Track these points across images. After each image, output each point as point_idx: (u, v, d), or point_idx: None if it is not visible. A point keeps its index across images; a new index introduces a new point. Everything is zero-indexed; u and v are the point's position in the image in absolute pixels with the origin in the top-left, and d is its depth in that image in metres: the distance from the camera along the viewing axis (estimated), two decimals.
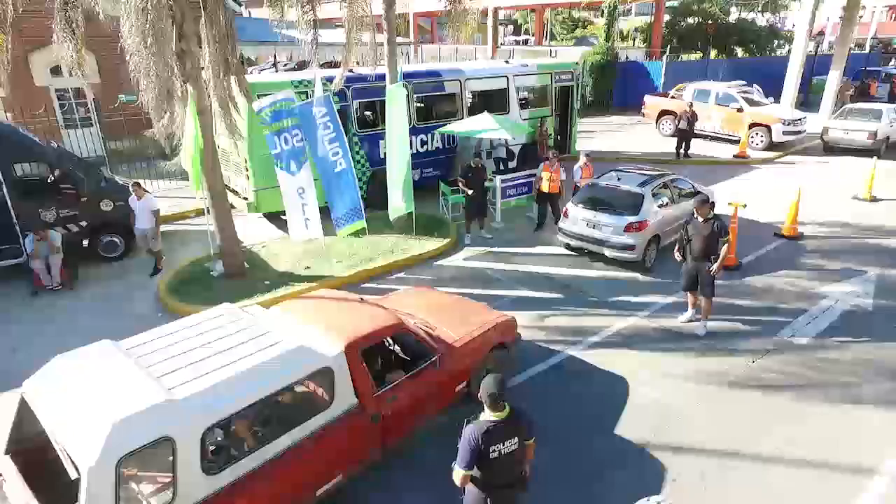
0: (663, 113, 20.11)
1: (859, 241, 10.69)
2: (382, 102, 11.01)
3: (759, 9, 31.31)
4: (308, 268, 9.71)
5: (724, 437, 5.79)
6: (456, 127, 11.91)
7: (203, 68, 7.81)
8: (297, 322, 5.01)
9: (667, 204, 9.78)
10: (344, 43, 9.79)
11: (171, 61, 7.51)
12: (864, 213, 12.26)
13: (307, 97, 11.01)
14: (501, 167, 14.44)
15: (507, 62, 14.92)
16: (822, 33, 27.29)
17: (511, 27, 66.11)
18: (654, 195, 9.53)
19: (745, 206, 9.19)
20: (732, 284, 8.97)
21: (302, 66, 25.55)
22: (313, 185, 9.25)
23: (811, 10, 18.69)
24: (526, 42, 54.84)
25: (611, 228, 9.32)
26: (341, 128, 9.18)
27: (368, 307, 5.43)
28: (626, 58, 26.21)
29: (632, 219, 9.16)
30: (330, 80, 10.96)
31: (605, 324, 7.95)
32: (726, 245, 7.04)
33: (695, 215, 7.31)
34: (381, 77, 10.85)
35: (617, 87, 25.14)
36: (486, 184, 11.25)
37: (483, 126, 11.41)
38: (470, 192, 10.59)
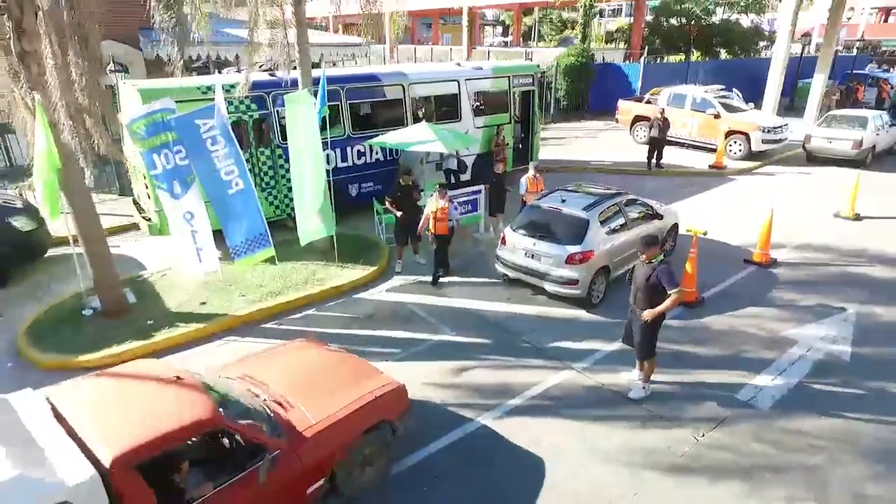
0: (638, 118, 18.86)
1: (839, 270, 9.46)
2: None
3: (742, 8, 30.08)
4: (204, 303, 8.38)
5: None
6: (386, 139, 10.58)
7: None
8: (62, 419, 3.69)
9: (619, 229, 8.51)
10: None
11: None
12: (845, 233, 11.04)
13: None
14: (453, 180, 13.15)
15: (458, 64, 13.62)
16: (807, 34, 26.14)
17: (500, 28, 65.54)
18: (602, 220, 8.25)
19: (705, 233, 7.93)
20: (689, 327, 7.71)
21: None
22: (205, 208, 7.94)
23: (793, 10, 17.51)
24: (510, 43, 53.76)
25: (551, 259, 8.03)
26: (235, 141, 7.85)
27: (177, 393, 4.11)
28: (603, 59, 24.94)
29: (574, 249, 7.87)
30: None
31: (534, 379, 6.65)
32: (672, 298, 5.73)
33: (640, 255, 6.04)
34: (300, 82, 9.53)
35: (594, 91, 23.87)
36: (423, 202, 9.96)
37: (417, 137, 10.09)
38: (399, 213, 9.29)
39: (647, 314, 5.82)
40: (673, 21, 30.43)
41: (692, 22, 29.82)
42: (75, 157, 6.95)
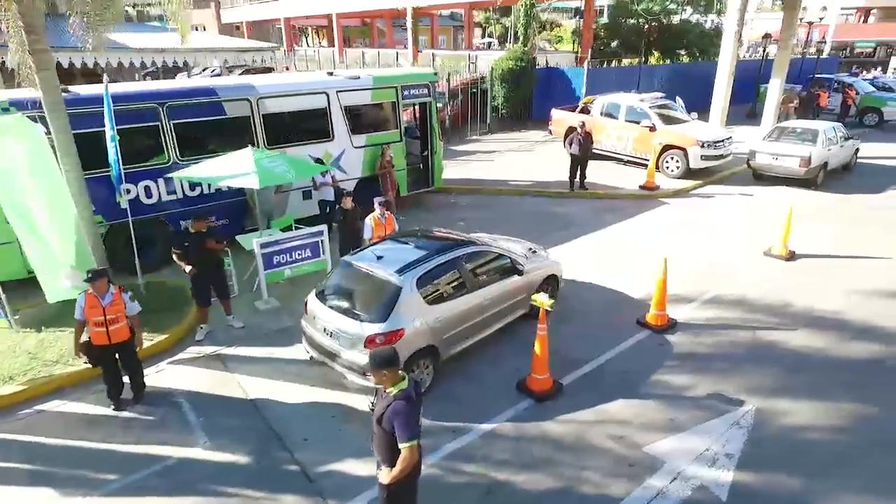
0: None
1: (749, 337, 7.45)
2: (98, 135, 7.74)
3: (702, 8, 28.25)
4: None
5: None
6: (189, 172, 8.46)
7: None
8: None
9: (454, 293, 6.48)
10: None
11: None
12: (771, 279, 9.06)
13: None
14: (328, 211, 11.10)
15: (330, 74, 11.57)
16: (768, 35, 24.28)
17: (479, 30, 64.14)
18: (426, 285, 6.20)
19: (551, 306, 5.91)
20: (524, 435, 5.68)
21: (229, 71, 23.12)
22: None
23: (738, 9, 15.60)
24: (489, 45, 51.80)
25: (349, 340, 6.00)
26: None
27: None
28: (546, 63, 22.94)
29: (375, 328, 5.83)
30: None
31: None
32: (402, 459, 3.69)
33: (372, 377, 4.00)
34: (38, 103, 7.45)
35: (538, 98, 21.88)
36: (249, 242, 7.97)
37: (230, 169, 7.98)
38: (188, 268, 7.26)
39: (384, 477, 3.82)
40: (632, 21, 28.54)
41: (652, 23, 27.96)
42: None
